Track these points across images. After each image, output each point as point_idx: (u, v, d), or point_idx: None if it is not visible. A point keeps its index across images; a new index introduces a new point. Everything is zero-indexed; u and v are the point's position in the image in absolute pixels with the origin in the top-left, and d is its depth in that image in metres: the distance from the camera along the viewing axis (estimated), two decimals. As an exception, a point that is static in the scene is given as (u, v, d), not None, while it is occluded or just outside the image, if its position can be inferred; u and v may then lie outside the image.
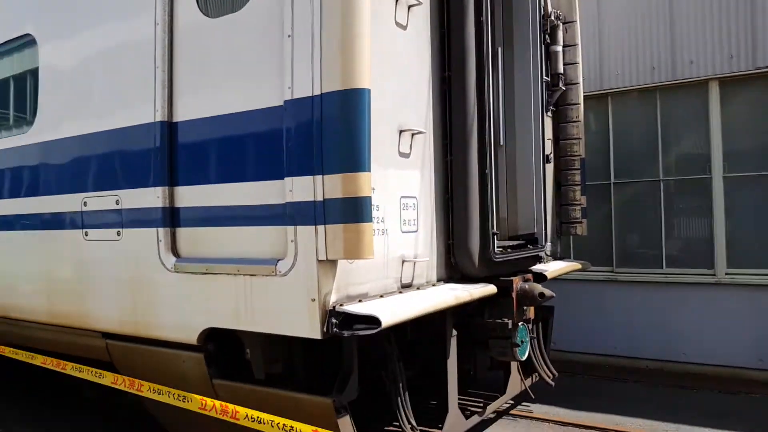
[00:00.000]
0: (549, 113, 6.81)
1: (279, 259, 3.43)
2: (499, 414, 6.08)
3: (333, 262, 3.34)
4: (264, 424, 3.19)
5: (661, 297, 7.89)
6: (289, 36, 3.42)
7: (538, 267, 5.75)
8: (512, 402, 6.33)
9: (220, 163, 3.78)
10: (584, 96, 8.12)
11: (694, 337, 7.66)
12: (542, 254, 5.64)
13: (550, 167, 6.65)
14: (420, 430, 4.32)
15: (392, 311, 3.36)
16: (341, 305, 3.34)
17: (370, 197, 3.26)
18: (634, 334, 8.04)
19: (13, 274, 5.09)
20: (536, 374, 6.16)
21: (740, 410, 6.17)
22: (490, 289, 4.46)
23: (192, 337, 3.83)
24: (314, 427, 3.06)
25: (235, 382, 3.83)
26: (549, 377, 6.28)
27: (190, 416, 3.71)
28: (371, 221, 3.27)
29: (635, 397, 6.71)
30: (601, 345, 8.25)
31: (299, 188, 3.36)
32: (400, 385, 4.10)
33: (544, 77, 6.43)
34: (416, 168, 4.22)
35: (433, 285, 4.31)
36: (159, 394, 3.77)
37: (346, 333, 3.27)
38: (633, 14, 8.10)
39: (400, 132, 4.03)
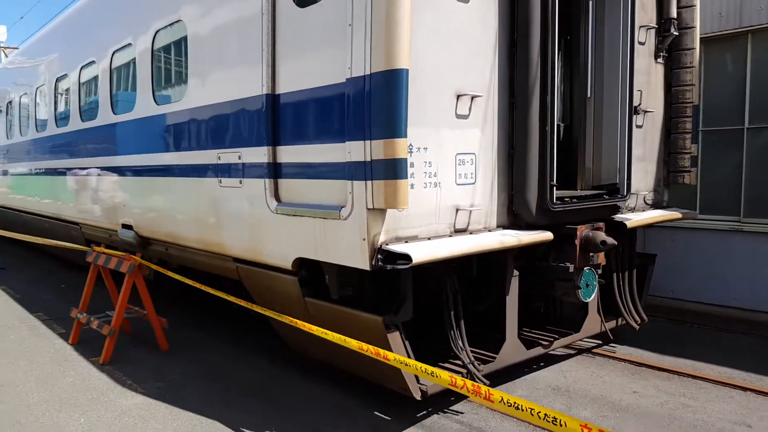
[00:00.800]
0: (660, 59, 6.74)
1: (342, 206, 4.32)
2: (579, 351, 6.52)
3: (381, 210, 4.14)
4: (327, 335, 4.18)
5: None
6: (350, 25, 4.16)
7: (620, 216, 5.98)
8: (598, 342, 6.71)
9: (305, 127, 4.71)
10: (719, 35, 7.75)
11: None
12: (620, 204, 5.83)
13: (655, 119, 6.67)
14: (473, 352, 5.07)
15: (426, 251, 4.10)
16: (387, 245, 4.15)
17: (405, 159, 3.98)
18: (756, 286, 7.77)
19: (176, 210, 6.63)
20: (621, 318, 6.48)
21: None
22: (543, 235, 4.95)
23: (288, 264, 4.92)
24: (361, 343, 3.95)
25: (318, 300, 4.87)
26: (635, 322, 6.56)
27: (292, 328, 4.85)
28: (406, 178, 4.00)
29: (736, 347, 6.68)
30: (720, 295, 8.09)
31: (355, 150, 4.17)
32: (453, 312, 4.84)
33: (652, 23, 6.41)
34: (476, 127, 4.78)
35: (489, 231, 4.92)
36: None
37: (388, 266, 4.10)
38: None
39: (458, 96, 4.61)
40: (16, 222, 13.10)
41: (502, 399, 3.03)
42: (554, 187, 4.98)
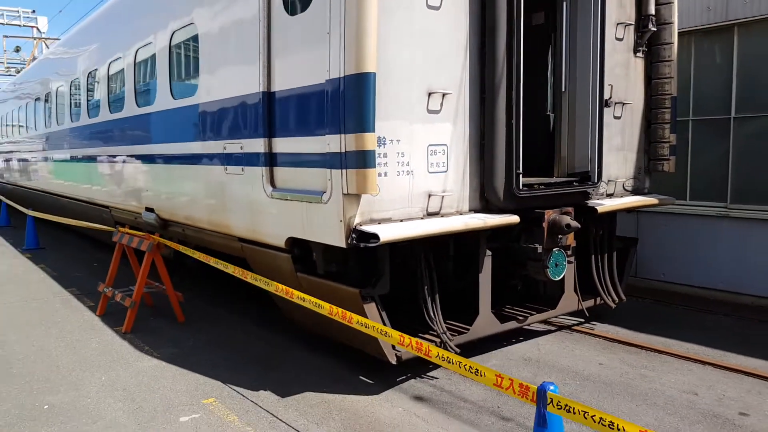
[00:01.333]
0: (640, 53, 7.12)
1: (323, 192, 4.90)
2: (560, 327, 7.01)
3: (356, 195, 4.69)
4: (317, 305, 4.77)
5: None
6: (327, 33, 4.71)
7: (593, 201, 6.43)
8: (580, 320, 7.17)
9: (295, 121, 5.29)
10: (707, 28, 8.04)
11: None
12: (590, 190, 6.27)
13: (634, 110, 7.06)
14: (450, 325, 5.63)
15: (393, 231, 4.66)
16: (360, 225, 4.72)
17: (374, 150, 4.53)
18: (740, 270, 8.10)
19: (190, 194, 7.31)
20: (599, 297, 6.94)
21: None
22: (509, 219, 5.45)
23: (282, 243, 5.54)
24: (342, 309, 4.52)
25: (308, 275, 5.47)
26: (612, 301, 7.01)
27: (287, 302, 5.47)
28: (374, 167, 4.55)
29: (714, 327, 7.05)
30: (707, 278, 8.44)
31: (333, 142, 4.74)
32: (427, 287, 5.40)
33: (630, 20, 6.79)
34: (448, 121, 5.30)
35: (461, 214, 5.44)
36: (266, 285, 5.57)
37: (361, 244, 4.67)
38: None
39: (430, 93, 5.13)
40: (54, 205, 14.07)
41: (460, 363, 3.46)
42: (520, 175, 5.46)
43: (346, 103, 4.57)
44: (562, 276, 5.96)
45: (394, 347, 5.18)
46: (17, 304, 8.57)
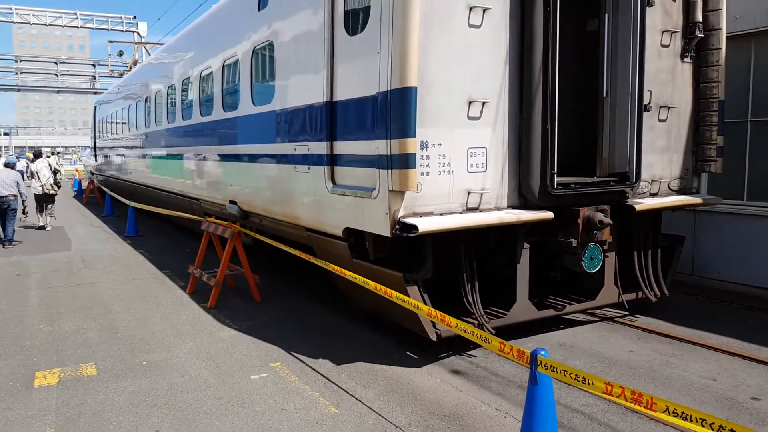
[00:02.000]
0: (688, 59, 7.42)
1: (373, 188, 5.65)
2: (602, 319, 7.43)
3: (400, 192, 5.41)
4: (368, 284, 5.56)
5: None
6: (378, 52, 5.46)
7: (634, 200, 6.83)
8: (624, 313, 7.53)
9: (351, 127, 6.08)
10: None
11: None
12: (627, 189, 6.66)
13: (681, 113, 7.38)
14: (489, 311, 6.25)
15: (431, 223, 5.36)
16: (404, 218, 5.44)
17: (414, 153, 5.24)
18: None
19: (266, 189, 8.29)
20: (641, 291, 7.32)
21: None
22: (543, 215, 6.00)
23: (339, 232, 6.35)
24: (377, 285, 5.30)
25: (362, 261, 6.26)
26: (654, 296, 7.37)
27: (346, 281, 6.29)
28: (415, 168, 5.26)
29: (757, 325, 7.21)
30: (760, 277, 8.52)
31: (381, 146, 5.49)
32: (466, 274, 6.04)
33: (677, 28, 7.13)
34: (487, 126, 5.91)
35: (498, 209, 6.04)
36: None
37: (404, 234, 5.39)
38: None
39: (470, 102, 5.77)
40: (152, 197, 15.68)
41: (479, 335, 4.12)
42: (554, 175, 5.98)
43: (392, 112, 5.31)
44: (597, 269, 6.43)
45: (434, 325, 5.87)
46: (120, 281, 9.91)
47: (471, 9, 5.66)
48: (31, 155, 19.80)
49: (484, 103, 5.83)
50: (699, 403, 5.05)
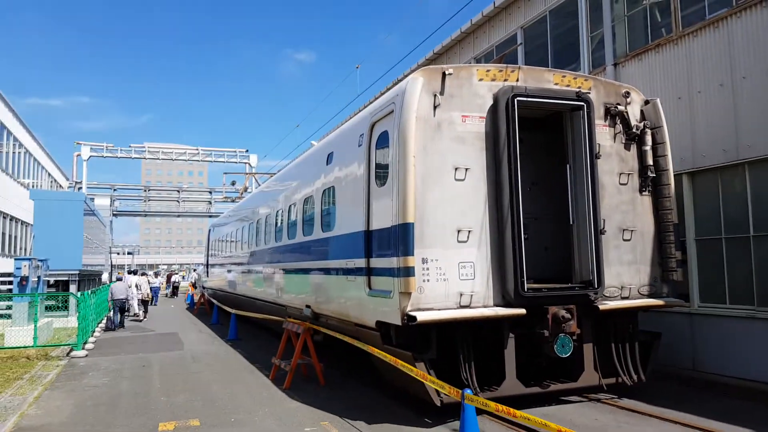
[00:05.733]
0: (646, 192, 9.56)
1: (390, 291, 8.10)
2: (590, 399, 9.12)
3: (408, 293, 7.81)
4: (387, 359, 7.86)
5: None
6: (392, 199, 8.14)
7: (600, 302, 8.78)
8: (614, 396, 9.18)
9: (379, 248, 8.67)
10: (725, 165, 10.22)
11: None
12: (590, 293, 8.64)
13: (644, 234, 9.41)
14: (475, 385, 8.27)
15: (427, 315, 7.65)
16: (410, 312, 7.78)
17: (414, 266, 7.70)
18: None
19: (327, 295, 10.92)
20: (618, 377, 9.05)
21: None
22: (514, 311, 8.12)
23: (373, 324, 8.75)
24: (391, 357, 7.58)
25: (387, 345, 8.56)
26: (630, 380, 9.04)
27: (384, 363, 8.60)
28: (415, 276, 7.69)
29: (724, 408, 8.61)
30: (741, 370, 9.87)
31: (395, 261, 8.00)
32: (462, 356, 8.17)
33: (633, 170, 9.36)
34: (473, 246, 8.29)
35: (485, 307, 8.23)
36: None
37: (410, 323, 7.71)
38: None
39: (458, 230, 8.22)
40: (249, 305, 18.79)
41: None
42: (524, 282, 8.15)
43: (399, 239, 7.87)
44: (569, 354, 8.33)
45: (438, 393, 7.97)
46: (220, 371, 12.63)
47: (456, 169, 8.29)
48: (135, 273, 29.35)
49: (469, 231, 8.26)
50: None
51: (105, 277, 40.94)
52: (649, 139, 9.46)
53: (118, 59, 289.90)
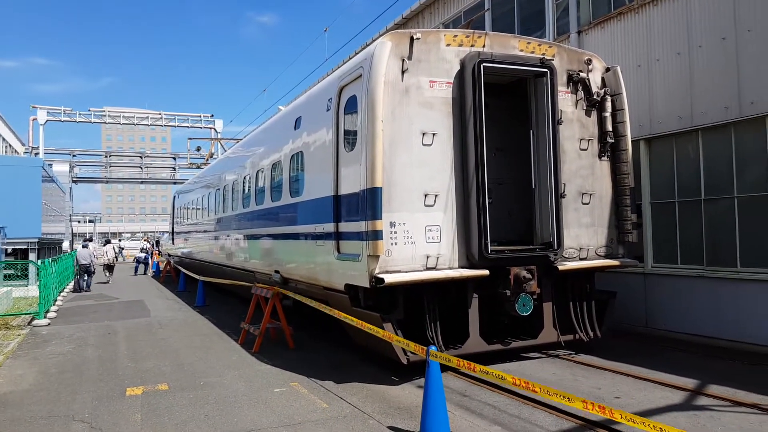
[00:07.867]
0: (605, 158, 9.87)
1: (359, 254, 8.27)
2: (549, 356, 9.55)
3: (375, 256, 7.99)
4: (354, 322, 8.07)
5: (734, 289, 9.84)
6: (360, 164, 8.25)
7: (560, 263, 9.13)
8: (571, 352, 9.63)
9: (348, 213, 8.80)
10: (680, 131, 10.58)
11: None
12: (550, 255, 8.98)
13: (603, 197, 9.75)
14: (440, 343, 8.58)
15: (393, 278, 7.86)
16: (378, 274, 7.98)
17: (382, 230, 7.86)
18: (718, 319, 10.06)
19: (296, 260, 11.04)
20: (576, 333, 9.48)
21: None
22: (478, 272, 8.39)
23: (342, 287, 8.94)
24: (360, 321, 7.80)
25: (357, 308, 8.77)
26: (586, 337, 9.48)
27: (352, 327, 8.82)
28: (383, 240, 7.86)
29: (672, 359, 9.16)
30: (690, 326, 10.44)
31: (363, 225, 8.15)
32: (428, 316, 8.45)
33: (593, 136, 9.64)
34: (439, 210, 8.49)
35: (451, 269, 8.48)
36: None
37: (378, 285, 7.91)
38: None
39: (425, 195, 8.39)
40: (217, 272, 18.79)
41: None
42: (488, 244, 8.42)
43: (367, 203, 8.01)
44: (529, 313, 8.69)
45: (405, 352, 8.24)
46: (188, 337, 12.72)
47: (424, 134, 8.42)
48: (103, 241, 29.13)
49: (436, 195, 8.45)
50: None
51: (66, 245, 40.16)
52: (609, 105, 9.73)
53: (76, 21, 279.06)
